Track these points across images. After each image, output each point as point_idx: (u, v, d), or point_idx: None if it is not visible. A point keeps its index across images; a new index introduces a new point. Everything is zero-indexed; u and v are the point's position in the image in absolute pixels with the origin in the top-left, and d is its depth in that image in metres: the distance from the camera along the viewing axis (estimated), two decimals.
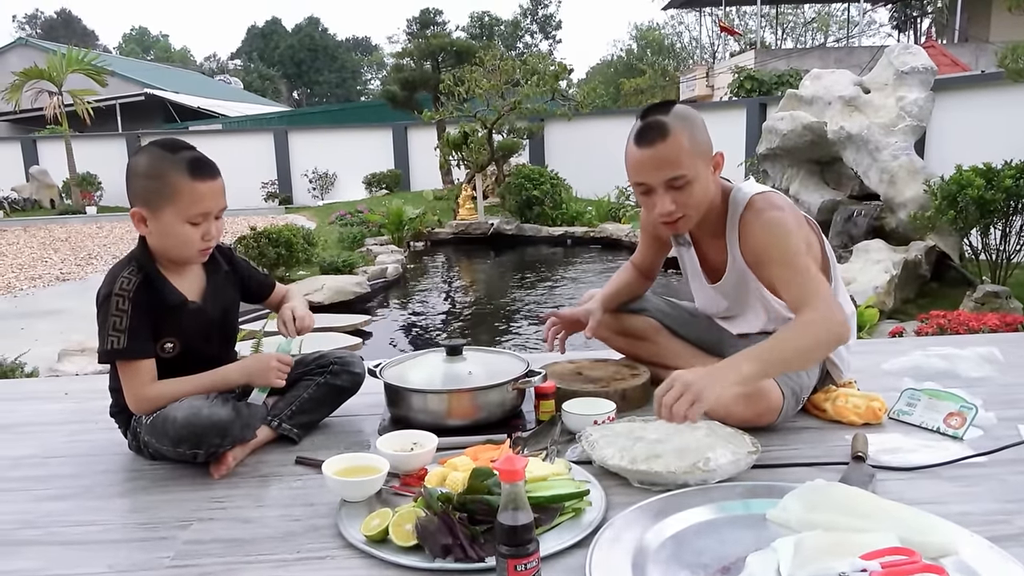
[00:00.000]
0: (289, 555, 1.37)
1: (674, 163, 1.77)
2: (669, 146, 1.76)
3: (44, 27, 50.41)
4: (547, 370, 2.07)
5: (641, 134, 1.80)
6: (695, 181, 1.80)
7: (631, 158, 1.82)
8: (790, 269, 1.78)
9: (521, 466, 1.13)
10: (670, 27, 38.50)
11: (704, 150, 1.82)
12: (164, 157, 1.70)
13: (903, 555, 1.14)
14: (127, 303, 1.70)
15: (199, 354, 1.82)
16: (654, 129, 1.78)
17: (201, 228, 1.73)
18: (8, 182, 17.28)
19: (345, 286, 7.60)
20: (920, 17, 26.69)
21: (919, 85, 6.79)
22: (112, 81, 18.75)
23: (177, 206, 1.69)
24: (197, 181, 1.69)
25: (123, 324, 1.69)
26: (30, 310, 7.56)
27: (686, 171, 1.78)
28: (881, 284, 5.88)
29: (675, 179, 1.78)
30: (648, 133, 1.78)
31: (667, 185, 1.80)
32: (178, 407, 1.68)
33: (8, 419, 2.22)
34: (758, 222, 1.85)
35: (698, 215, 1.87)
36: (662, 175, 1.79)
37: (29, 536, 1.49)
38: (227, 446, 1.70)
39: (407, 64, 17.92)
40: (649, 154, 1.78)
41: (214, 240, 1.78)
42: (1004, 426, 1.83)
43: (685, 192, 1.80)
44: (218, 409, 1.68)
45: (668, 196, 1.81)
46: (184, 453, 1.68)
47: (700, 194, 1.83)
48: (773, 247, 1.82)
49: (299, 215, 14.97)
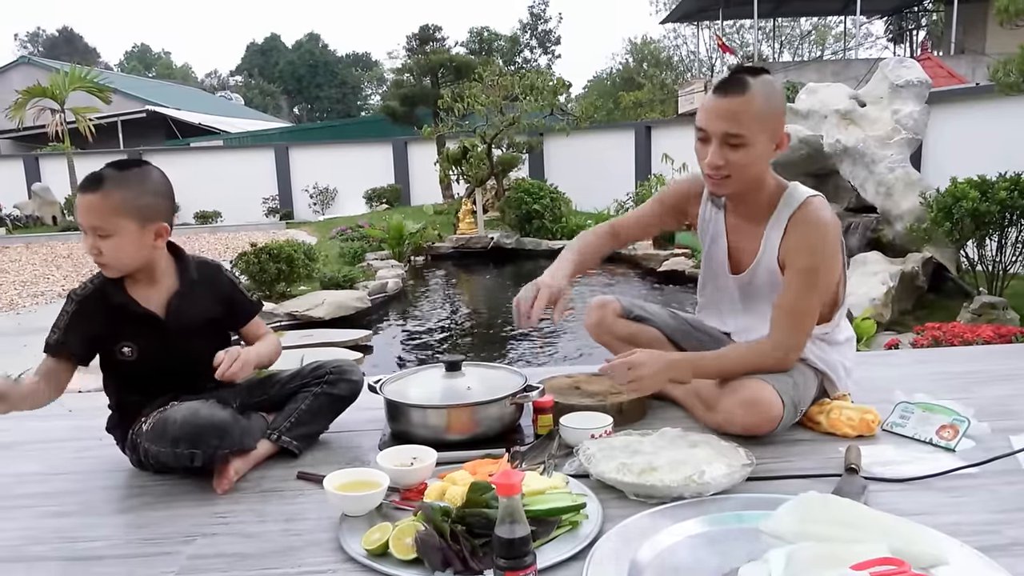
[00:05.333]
0: (291, 569, 1.40)
1: (739, 120, 1.79)
2: (742, 102, 1.78)
3: (46, 45, 50.67)
4: (545, 385, 2.10)
5: (722, 83, 1.82)
6: (752, 146, 1.81)
7: (704, 103, 1.85)
8: (802, 281, 1.85)
9: (518, 480, 1.16)
10: (667, 40, 38.69)
11: (774, 123, 1.84)
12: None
13: (893, 565, 1.16)
14: (74, 305, 1.83)
15: (158, 363, 1.85)
16: (735, 82, 1.80)
17: (87, 241, 1.78)
18: (11, 199, 17.35)
19: (346, 301, 7.62)
20: (916, 29, 26.83)
21: (914, 98, 6.85)
22: (114, 98, 18.82)
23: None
24: (79, 194, 1.76)
25: (62, 323, 1.82)
26: (33, 327, 7.58)
27: (747, 132, 1.79)
28: (878, 296, 5.90)
29: (733, 136, 1.80)
30: (728, 84, 1.81)
31: (724, 139, 1.81)
32: (178, 409, 1.73)
33: (12, 436, 2.24)
34: (807, 225, 1.87)
35: (742, 183, 1.88)
36: (723, 126, 1.80)
37: (35, 552, 1.52)
38: (225, 448, 1.72)
39: (407, 80, 18.03)
40: (720, 103, 1.80)
41: (102, 257, 1.76)
42: (996, 437, 1.86)
43: (739, 152, 1.81)
44: (217, 411, 1.74)
45: (722, 151, 1.82)
46: (182, 454, 1.69)
47: (753, 161, 1.84)
48: (806, 256, 1.86)
49: (300, 230, 15.01)
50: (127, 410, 1.86)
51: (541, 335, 6.86)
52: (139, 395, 1.86)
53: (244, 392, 2.00)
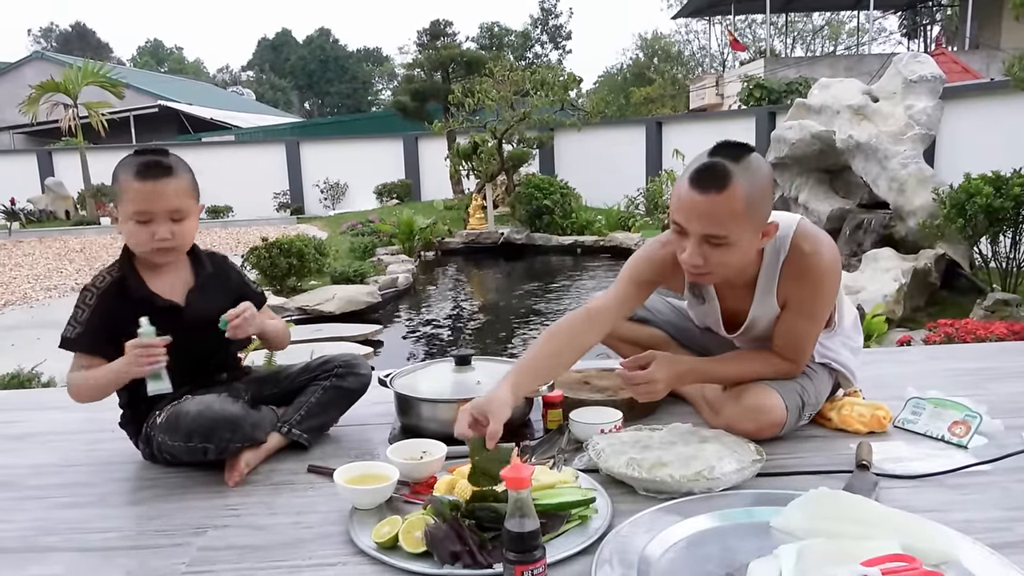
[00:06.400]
0: (301, 561, 1.40)
1: (720, 221, 1.60)
2: (722, 201, 1.58)
3: (59, 40, 50.93)
4: (554, 379, 2.10)
5: (699, 174, 1.61)
6: (735, 245, 1.63)
7: (679, 193, 1.65)
8: (803, 317, 1.82)
9: (527, 474, 1.16)
10: (679, 35, 38.55)
11: (758, 217, 1.65)
12: (126, 161, 1.81)
13: (904, 562, 1.16)
14: (94, 299, 1.81)
15: (174, 355, 1.80)
16: (715, 175, 1.59)
17: (150, 228, 1.78)
18: (24, 193, 17.46)
19: (356, 296, 7.65)
20: (930, 24, 26.62)
21: (928, 94, 6.80)
22: (126, 93, 18.93)
23: (125, 205, 1.79)
24: (138, 182, 1.77)
25: (83, 317, 1.80)
26: (46, 320, 7.64)
27: (729, 233, 1.61)
28: (890, 292, 5.87)
29: (714, 237, 1.62)
30: (706, 177, 1.60)
31: (704, 239, 1.63)
32: (191, 403, 1.75)
33: (27, 428, 2.27)
34: (805, 268, 1.75)
35: (723, 276, 1.75)
36: (702, 227, 1.62)
37: (48, 543, 1.53)
38: (237, 442, 1.74)
39: (417, 75, 18.01)
40: (698, 201, 1.60)
41: (172, 241, 1.80)
42: (1009, 434, 1.85)
43: (720, 252, 1.64)
44: (229, 405, 1.76)
45: (701, 249, 1.64)
46: (195, 448, 1.71)
47: (736, 259, 1.68)
48: (804, 296, 1.78)
49: (311, 225, 15.06)
50: (140, 403, 1.87)
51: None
52: None
53: (254, 385, 2.02)
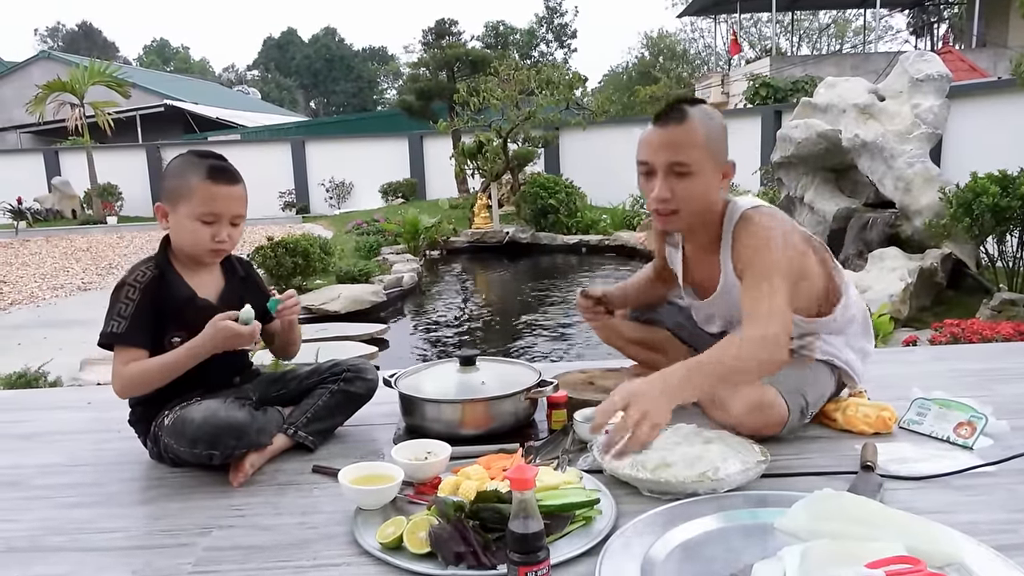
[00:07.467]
0: (306, 562, 1.41)
1: (682, 148, 1.77)
2: (683, 131, 1.77)
3: (66, 40, 51.14)
4: (559, 380, 2.10)
5: (660, 114, 1.81)
6: (698, 175, 1.79)
7: (644, 136, 1.83)
8: (758, 281, 1.77)
9: (531, 475, 1.16)
10: (684, 33, 38.47)
11: (717, 153, 1.82)
12: (192, 161, 1.86)
13: (908, 564, 1.16)
14: (137, 293, 1.81)
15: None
16: (674, 112, 1.79)
17: (212, 228, 1.82)
18: (31, 193, 17.54)
19: (361, 295, 7.66)
20: (937, 22, 26.52)
21: (934, 92, 6.77)
22: (132, 92, 18.99)
23: (191, 203, 1.81)
24: (211, 183, 1.82)
25: (127, 311, 1.80)
26: (53, 319, 7.68)
27: (691, 160, 1.77)
28: (896, 292, 5.86)
29: (678, 164, 1.77)
30: (667, 114, 1.80)
31: (669, 169, 1.78)
32: (196, 409, 1.74)
33: (33, 428, 2.27)
34: (746, 233, 1.83)
35: (690, 216, 1.86)
36: (667, 156, 1.78)
37: (54, 542, 1.53)
38: (242, 448, 1.74)
39: (422, 74, 18.03)
40: (661, 133, 1.79)
41: (227, 244, 1.86)
42: (1015, 435, 1.84)
43: (685, 182, 1.79)
44: (235, 411, 1.75)
45: (667, 182, 1.79)
46: (200, 454, 1.72)
47: (699, 192, 1.81)
48: (755, 260, 1.79)
49: (316, 224, 15.10)
50: (152, 403, 1.87)
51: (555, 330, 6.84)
52: (169, 387, 1.83)
53: (262, 386, 2.03)
